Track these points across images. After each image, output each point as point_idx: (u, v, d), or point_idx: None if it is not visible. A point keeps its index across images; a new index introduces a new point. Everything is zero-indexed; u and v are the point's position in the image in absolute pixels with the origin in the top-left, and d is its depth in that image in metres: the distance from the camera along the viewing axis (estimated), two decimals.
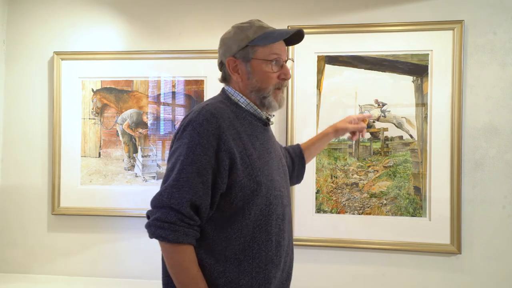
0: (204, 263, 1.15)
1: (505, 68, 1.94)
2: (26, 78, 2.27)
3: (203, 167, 1.11)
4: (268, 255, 1.18)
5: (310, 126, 2.06)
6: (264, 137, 1.27)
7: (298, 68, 2.06)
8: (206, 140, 1.12)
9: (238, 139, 1.16)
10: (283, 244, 1.23)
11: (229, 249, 1.15)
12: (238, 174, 1.13)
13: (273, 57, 1.22)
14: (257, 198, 1.16)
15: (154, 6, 2.21)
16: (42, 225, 2.25)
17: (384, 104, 2.01)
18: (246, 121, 1.23)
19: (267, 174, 1.19)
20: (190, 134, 1.13)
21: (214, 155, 1.12)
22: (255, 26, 1.23)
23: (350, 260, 2.04)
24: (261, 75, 1.22)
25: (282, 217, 1.23)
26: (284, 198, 1.26)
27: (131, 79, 2.20)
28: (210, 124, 1.13)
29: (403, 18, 2.01)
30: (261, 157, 1.20)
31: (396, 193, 1.99)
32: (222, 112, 1.17)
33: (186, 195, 1.10)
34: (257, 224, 1.16)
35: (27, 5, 2.28)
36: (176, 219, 1.10)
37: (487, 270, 1.95)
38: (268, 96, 1.23)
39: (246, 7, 2.13)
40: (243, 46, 1.21)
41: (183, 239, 1.10)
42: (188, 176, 1.11)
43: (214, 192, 1.14)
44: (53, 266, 2.23)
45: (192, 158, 1.11)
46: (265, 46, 1.21)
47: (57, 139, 2.21)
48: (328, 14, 2.08)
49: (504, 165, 1.94)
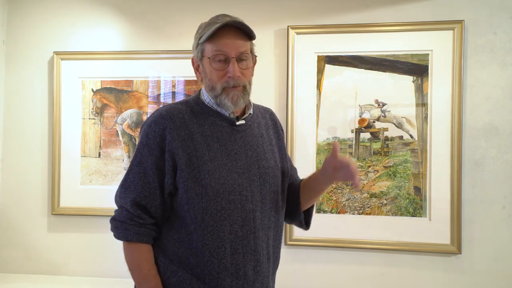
0: (158, 261, 1.17)
1: (505, 68, 1.94)
2: (26, 78, 2.27)
3: (149, 168, 1.13)
4: (221, 263, 1.12)
5: (310, 126, 2.06)
6: (230, 137, 1.19)
7: (298, 68, 2.06)
8: (152, 141, 1.14)
9: (189, 140, 1.14)
10: (244, 252, 1.14)
11: (180, 251, 1.15)
12: (182, 175, 1.12)
13: (215, 53, 1.14)
14: (203, 202, 1.11)
15: (154, 6, 2.21)
16: (42, 225, 2.25)
17: (384, 104, 2.01)
18: (207, 122, 1.18)
19: (217, 178, 1.12)
20: (141, 135, 1.17)
21: (160, 156, 1.13)
22: (206, 23, 1.18)
23: (350, 260, 2.04)
24: (210, 74, 1.17)
25: (242, 223, 1.14)
26: (250, 202, 1.15)
27: (131, 79, 2.20)
28: (157, 125, 1.14)
29: (403, 18, 2.01)
30: (216, 159, 1.14)
31: (396, 193, 1.99)
32: (174, 112, 1.16)
33: (131, 194, 1.14)
34: (208, 230, 1.12)
35: (27, 5, 2.28)
36: (126, 218, 1.14)
37: (487, 270, 1.95)
38: (219, 95, 1.16)
39: (246, 7, 2.13)
40: (196, 44, 1.20)
41: (132, 238, 1.13)
42: (135, 176, 1.15)
43: (163, 192, 1.15)
44: (53, 266, 2.23)
45: (139, 159, 1.15)
46: (210, 43, 1.14)
47: (57, 139, 2.21)
48: (328, 14, 2.08)
49: (504, 165, 1.94)
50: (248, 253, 1.15)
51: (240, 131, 1.22)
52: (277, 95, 2.11)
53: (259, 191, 1.19)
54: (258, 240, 1.17)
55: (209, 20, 1.19)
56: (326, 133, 2.05)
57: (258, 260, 1.17)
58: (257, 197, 1.18)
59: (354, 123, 2.03)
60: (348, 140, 2.03)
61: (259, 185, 1.19)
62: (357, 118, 2.03)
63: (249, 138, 1.23)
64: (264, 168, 1.22)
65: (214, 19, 1.18)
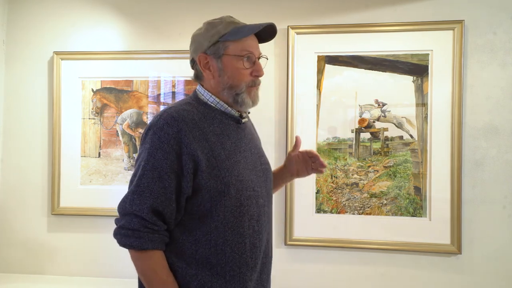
0: (175, 267, 1.13)
1: (505, 68, 1.94)
2: (26, 78, 2.27)
3: (164, 172, 1.10)
4: (242, 258, 1.15)
5: (310, 126, 2.06)
6: (237, 135, 1.22)
7: (298, 68, 2.06)
8: (166, 144, 1.10)
9: (204, 140, 1.13)
10: (259, 246, 1.19)
11: (199, 252, 1.13)
12: (203, 176, 1.11)
13: (244, 53, 1.18)
14: (225, 200, 1.13)
15: (154, 6, 2.21)
16: (42, 225, 2.25)
17: (384, 104, 2.01)
18: (215, 121, 1.19)
19: (236, 175, 1.15)
20: (151, 138, 1.12)
21: (176, 159, 1.10)
22: (225, 22, 1.19)
23: (350, 260, 2.04)
24: (233, 72, 1.18)
25: (257, 218, 1.19)
26: (260, 197, 1.21)
27: (131, 79, 2.20)
28: (171, 127, 1.11)
29: (403, 18, 2.01)
30: (231, 157, 1.16)
31: (396, 193, 1.99)
32: (184, 114, 1.14)
33: (147, 200, 1.09)
34: (229, 227, 1.13)
35: (27, 5, 2.28)
36: (139, 226, 1.09)
37: (487, 270, 1.95)
38: (241, 93, 1.19)
39: (246, 7, 2.13)
40: (214, 41, 1.18)
41: (148, 245, 1.10)
42: (149, 181, 1.10)
43: (179, 196, 1.12)
44: (53, 266, 2.23)
45: (152, 163, 1.10)
46: (236, 42, 1.17)
47: (57, 139, 2.21)
48: (328, 14, 2.08)
49: (504, 165, 1.94)
50: (262, 247, 1.21)
51: (243, 129, 1.26)
52: (277, 95, 2.11)
53: (264, 186, 1.25)
54: (265, 234, 1.23)
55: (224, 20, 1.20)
56: (326, 133, 2.05)
57: (265, 252, 1.23)
58: (264, 193, 1.24)
59: (354, 123, 2.03)
60: (348, 140, 2.03)
61: (264, 181, 1.26)
62: (357, 118, 2.03)
63: (250, 136, 1.28)
64: (265, 164, 1.30)
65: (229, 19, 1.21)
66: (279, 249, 2.09)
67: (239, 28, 1.18)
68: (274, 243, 2.09)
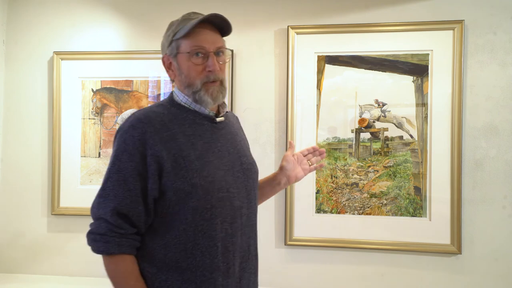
0: (145, 272, 1.11)
1: (505, 68, 1.94)
2: (26, 78, 2.27)
3: (129, 174, 1.08)
4: (213, 262, 1.10)
5: (310, 126, 2.06)
6: (212, 135, 1.18)
7: (298, 68, 2.06)
8: (131, 147, 1.08)
9: (171, 141, 1.10)
10: (233, 250, 1.14)
11: (169, 256, 1.10)
12: (169, 177, 1.08)
13: (194, 48, 1.13)
14: (193, 201, 1.09)
15: (154, 6, 2.21)
16: (42, 225, 2.25)
17: (384, 104, 2.01)
18: (187, 121, 1.16)
19: (206, 175, 1.11)
20: (117, 141, 1.12)
21: (141, 161, 1.08)
22: (181, 19, 1.17)
23: (350, 260, 2.04)
24: (186, 70, 1.15)
25: (231, 220, 1.14)
26: (237, 199, 1.16)
27: (131, 79, 2.20)
28: (136, 129, 1.09)
29: (403, 18, 2.01)
30: (202, 157, 1.12)
31: (396, 193, 1.99)
32: (152, 116, 1.12)
33: (111, 203, 1.07)
34: (199, 230, 1.10)
35: (27, 5, 2.28)
36: (106, 230, 1.07)
37: (487, 270, 1.95)
38: (198, 91, 1.15)
39: (246, 7, 2.13)
40: (169, 41, 1.17)
41: (115, 250, 1.07)
42: (114, 184, 1.08)
43: (146, 198, 1.09)
44: (53, 266, 2.23)
45: (118, 166, 1.09)
46: (187, 38, 1.14)
47: (57, 139, 2.21)
48: (328, 14, 2.08)
49: (504, 165, 1.94)
50: (237, 251, 1.16)
51: (220, 128, 1.22)
52: (277, 95, 2.11)
53: (244, 187, 1.20)
54: (244, 237, 1.19)
55: (182, 17, 1.19)
56: (326, 133, 2.05)
57: (244, 257, 1.19)
58: (243, 194, 1.19)
59: (354, 123, 2.03)
60: (348, 140, 2.03)
61: (244, 182, 1.20)
62: (357, 118, 2.03)
63: (229, 136, 1.24)
64: (246, 164, 1.24)
65: (187, 16, 1.19)
66: (279, 249, 2.09)
67: (185, 24, 1.14)
68: (274, 243, 2.09)
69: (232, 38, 2.10)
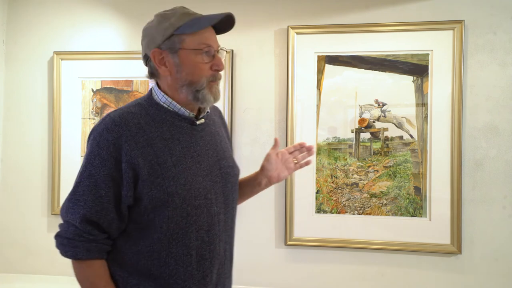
0: (117, 276, 1.07)
1: (505, 68, 1.94)
2: (26, 78, 2.27)
3: (102, 180, 1.02)
4: (187, 271, 1.07)
5: (310, 126, 2.06)
6: (191, 138, 1.13)
7: (298, 68, 2.06)
8: (105, 151, 1.02)
9: (148, 147, 1.05)
10: (209, 258, 1.11)
11: (141, 264, 1.06)
12: (144, 185, 1.03)
13: (203, 46, 1.08)
14: (169, 211, 1.05)
15: (154, 6, 2.19)
16: (42, 225, 2.25)
17: (384, 104, 2.01)
18: (165, 124, 1.10)
19: (183, 183, 1.06)
20: (91, 144, 1.05)
21: (114, 166, 1.03)
22: (179, 13, 1.11)
23: (350, 260, 2.04)
24: (192, 67, 1.09)
25: (208, 228, 1.10)
26: (214, 205, 1.12)
27: (131, 79, 2.20)
28: (110, 133, 1.03)
29: (403, 18, 2.01)
30: (179, 164, 1.07)
31: (396, 193, 1.99)
32: (128, 118, 1.06)
33: (80, 210, 1.03)
34: (173, 238, 1.06)
35: (27, 5, 2.28)
36: (74, 235, 1.03)
37: (487, 270, 1.95)
38: (202, 89, 1.09)
39: (246, 7, 2.13)
40: (168, 35, 1.09)
41: (83, 255, 1.03)
42: (84, 189, 1.03)
43: (119, 205, 1.05)
44: (53, 266, 2.23)
45: (90, 170, 1.03)
46: (193, 34, 1.08)
47: (57, 139, 2.21)
48: (328, 14, 2.08)
49: (504, 165, 1.94)
50: (214, 258, 1.12)
51: (199, 130, 1.16)
52: (277, 95, 2.11)
53: (222, 192, 1.16)
54: (221, 243, 1.15)
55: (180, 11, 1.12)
56: (326, 133, 2.05)
57: (221, 263, 1.16)
58: (220, 199, 1.15)
59: (354, 123, 2.03)
60: (348, 140, 2.03)
61: (222, 186, 1.16)
62: (357, 118, 2.03)
63: (209, 138, 1.18)
64: (225, 168, 1.19)
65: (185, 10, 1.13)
66: (279, 249, 2.09)
67: (195, 19, 1.09)
68: (274, 243, 2.09)
69: (232, 38, 2.11)
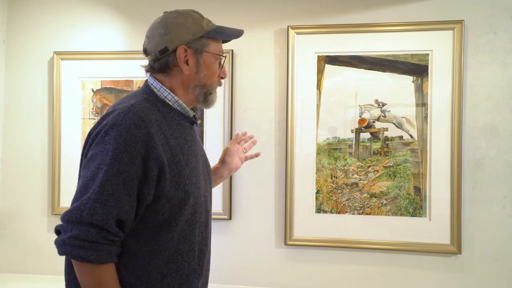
0: (123, 282, 1.03)
1: (505, 68, 1.94)
2: (26, 78, 2.27)
3: (130, 178, 0.99)
4: (190, 266, 1.11)
5: (310, 126, 2.06)
6: (192, 138, 1.18)
7: (298, 68, 2.06)
8: (133, 148, 0.99)
9: (166, 145, 1.05)
10: (205, 252, 1.18)
11: (152, 264, 1.05)
12: (166, 184, 1.03)
13: (220, 53, 1.18)
14: (185, 209, 1.07)
15: (154, 6, 2.21)
16: (42, 225, 2.25)
17: (384, 104, 2.01)
18: (174, 122, 1.12)
19: (195, 182, 1.10)
20: (115, 140, 0.98)
21: (141, 164, 1.00)
22: (206, 18, 1.18)
23: (350, 260, 2.04)
24: (210, 70, 1.15)
25: (205, 224, 1.17)
26: (209, 203, 1.20)
27: (131, 79, 2.20)
28: (139, 129, 1.00)
29: (403, 18, 2.01)
30: (189, 163, 1.11)
31: (396, 193, 1.99)
32: (150, 114, 1.05)
33: (113, 210, 0.96)
34: (182, 235, 1.09)
35: (27, 5, 2.28)
36: (98, 237, 0.96)
37: (487, 270, 1.95)
38: (212, 93, 1.18)
39: (246, 7, 2.13)
40: (198, 36, 1.12)
41: (106, 259, 0.98)
42: (114, 188, 0.97)
43: (139, 204, 1.02)
44: (53, 266, 2.23)
45: (117, 168, 0.97)
46: (216, 41, 1.17)
47: (57, 139, 2.21)
48: (328, 14, 2.08)
49: (504, 165, 1.94)
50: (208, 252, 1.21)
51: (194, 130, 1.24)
52: (277, 95, 2.11)
53: (209, 190, 1.24)
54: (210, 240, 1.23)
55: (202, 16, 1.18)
56: (326, 133, 2.05)
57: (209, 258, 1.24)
58: (209, 197, 1.23)
59: (354, 123, 2.03)
60: (348, 140, 2.03)
61: (209, 184, 1.25)
62: (357, 118, 2.03)
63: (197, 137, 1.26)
64: (208, 167, 1.28)
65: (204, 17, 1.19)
66: (279, 249, 2.09)
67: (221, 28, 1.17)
68: (274, 243, 2.09)
69: None
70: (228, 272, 2.11)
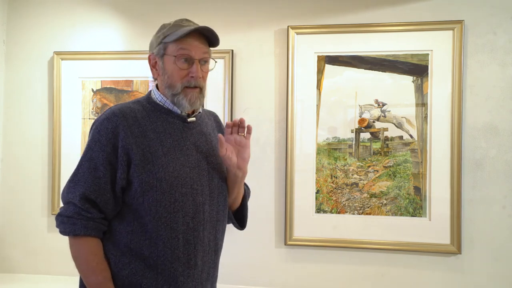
0: (109, 254, 1.18)
1: (505, 68, 1.94)
2: (26, 78, 2.27)
3: (100, 163, 1.16)
4: (174, 253, 1.18)
5: (310, 126, 2.06)
6: (182, 134, 1.25)
7: (298, 68, 2.06)
8: (104, 138, 1.17)
9: (141, 137, 1.19)
10: (194, 243, 1.21)
11: (133, 243, 1.18)
12: (137, 169, 1.16)
13: (180, 52, 1.20)
14: (157, 194, 1.17)
15: (154, 6, 2.21)
16: (42, 225, 2.25)
17: (384, 104, 2.01)
18: (159, 119, 1.24)
19: (171, 171, 1.19)
20: (92, 133, 1.20)
21: (112, 152, 1.17)
22: (173, 24, 1.24)
23: (350, 260, 2.04)
24: (170, 72, 1.22)
25: (193, 215, 1.21)
26: (200, 195, 1.22)
27: (131, 79, 2.20)
28: (110, 122, 1.18)
29: (403, 18, 2.01)
30: (169, 154, 1.20)
31: (396, 193, 1.99)
32: (126, 111, 1.21)
33: (80, 188, 1.15)
34: (162, 221, 1.17)
35: (27, 5, 2.28)
36: (73, 213, 1.15)
37: (487, 270, 1.95)
38: (177, 94, 1.22)
39: (246, 7, 2.13)
40: (159, 42, 1.24)
41: (80, 232, 1.14)
42: (84, 171, 1.17)
43: (114, 187, 1.17)
44: (53, 266, 2.23)
45: (90, 154, 1.17)
46: (175, 43, 1.21)
47: (57, 139, 2.21)
48: (328, 14, 2.08)
49: (504, 165, 1.94)
50: (198, 244, 1.22)
51: (191, 128, 1.28)
52: (277, 95, 2.11)
53: (207, 185, 1.26)
54: (205, 232, 1.24)
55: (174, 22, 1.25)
56: (326, 133, 2.05)
57: (205, 251, 1.25)
58: (206, 191, 1.25)
59: (354, 123, 2.03)
60: (348, 140, 2.03)
61: (208, 180, 1.27)
62: (357, 118, 2.03)
63: (199, 136, 1.30)
64: (213, 164, 1.30)
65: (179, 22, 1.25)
66: (279, 249, 2.09)
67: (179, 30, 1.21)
68: (274, 243, 2.09)
69: (232, 38, 2.12)
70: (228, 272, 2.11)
